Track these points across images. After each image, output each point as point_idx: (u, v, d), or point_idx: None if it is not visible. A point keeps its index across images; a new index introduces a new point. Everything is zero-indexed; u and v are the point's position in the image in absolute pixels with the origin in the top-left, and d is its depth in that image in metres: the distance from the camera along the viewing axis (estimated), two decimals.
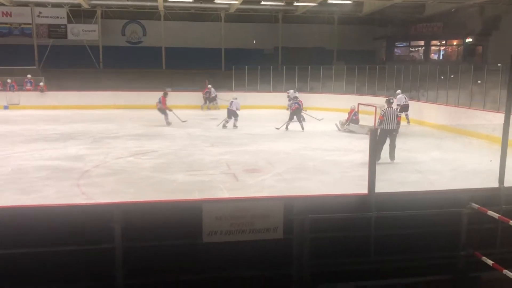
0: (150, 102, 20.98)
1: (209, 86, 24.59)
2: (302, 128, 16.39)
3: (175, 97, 24.02)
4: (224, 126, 17.11)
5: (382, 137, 10.88)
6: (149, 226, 4.58)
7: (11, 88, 24.02)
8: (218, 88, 25.59)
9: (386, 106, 11.68)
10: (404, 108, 17.97)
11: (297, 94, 21.32)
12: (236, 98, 17.78)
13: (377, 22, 34.19)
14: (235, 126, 17.19)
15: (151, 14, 32.00)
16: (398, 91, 18.95)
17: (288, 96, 22.61)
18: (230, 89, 26.05)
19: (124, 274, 4.53)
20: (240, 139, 14.55)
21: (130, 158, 11.53)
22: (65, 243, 4.39)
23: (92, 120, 18.77)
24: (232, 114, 17.27)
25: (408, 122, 18.31)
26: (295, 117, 16.66)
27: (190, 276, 4.68)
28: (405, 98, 18.42)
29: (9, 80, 24.23)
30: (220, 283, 4.73)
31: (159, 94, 18.30)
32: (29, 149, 12.53)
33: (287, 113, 18.53)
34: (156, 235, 4.58)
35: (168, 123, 17.68)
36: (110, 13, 31.71)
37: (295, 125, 16.49)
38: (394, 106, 15.34)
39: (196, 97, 24.70)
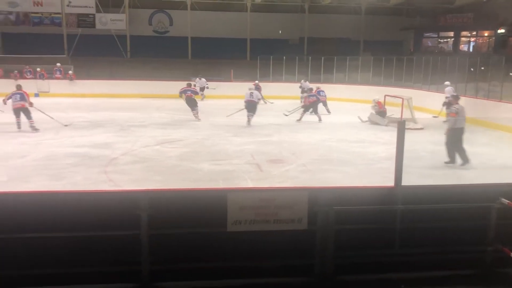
0: (176, 92, 21.21)
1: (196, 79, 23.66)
2: (320, 119, 16.19)
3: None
4: (248, 124, 15.34)
5: (455, 136, 9.92)
6: (175, 214, 4.64)
7: (41, 77, 24.56)
8: (242, 77, 25.61)
9: (454, 103, 10.41)
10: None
11: (311, 85, 20.74)
12: (256, 86, 16.48)
13: (405, 12, 33.54)
14: (248, 124, 15.36)
15: (178, 3, 32.16)
16: (447, 83, 17.67)
17: (301, 87, 21.94)
18: (255, 78, 26.06)
19: (149, 261, 4.61)
20: (264, 130, 14.55)
21: (156, 146, 11.68)
22: (92, 229, 4.48)
23: (119, 109, 19.06)
24: (251, 107, 15.49)
25: None
26: (311, 109, 16.35)
27: (214, 264, 4.73)
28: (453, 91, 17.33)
29: (38, 69, 24.77)
30: (243, 271, 4.77)
31: (186, 83, 18.26)
32: (59, 136, 12.83)
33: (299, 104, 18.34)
34: (181, 223, 4.64)
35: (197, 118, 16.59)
36: (137, 3, 32.01)
37: (311, 117, 16.35)
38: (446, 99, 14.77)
39: (220, 86, 24.73)
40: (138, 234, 4.56)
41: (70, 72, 25.28)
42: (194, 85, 21.78)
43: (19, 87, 14.03)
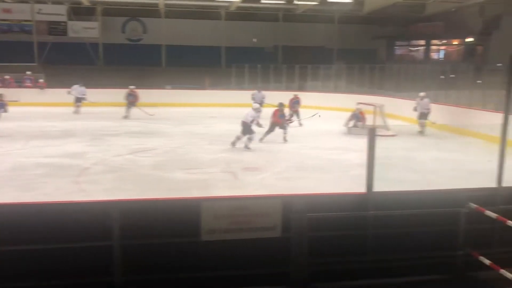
0: (150, 100, 21.03)
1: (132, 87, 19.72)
2: (286, 139, 13.93)
3: (174, 95, 24.22)
4: (233, 145, 12.84)
5: None
6: (148, 224, 4.60)
7: (9, 85, 23.98)
8: (217, 85, 25.59)
9: None
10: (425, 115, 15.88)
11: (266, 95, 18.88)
12: (258, 109, 13.21)
13: (378, 21, 34.13)
14: (247, 147, 12.65)
15: (152, 11, 31.95)
16: (422, 94, 16.39)
17: (253, 98, 18.78)
18: (230, 86, 26.10)
19: (122, 271, 4.54)
20: None
21: (129, 155, 11.54)
22: (63, 240, 4.40)
23: (92, 118, 18.77)
24: (244, 129, 12.76)
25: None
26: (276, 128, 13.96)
27: (188, 274, 4.69)
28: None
29: (7, 77, 24.21)
30: (218, 281, 4.74)
31: (160, 91, 18.29)
32: (28, 146, 12.54)
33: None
34: (154, 233, 4.60)
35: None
36: (110, 10, 31.66)
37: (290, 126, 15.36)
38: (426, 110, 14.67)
39: (194, 94, 24.65)
40: (110, 245, 4.50)
41: (41, 80, 24.77)
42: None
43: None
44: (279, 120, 14.02)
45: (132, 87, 19.29)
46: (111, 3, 30.55)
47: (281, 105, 14.49)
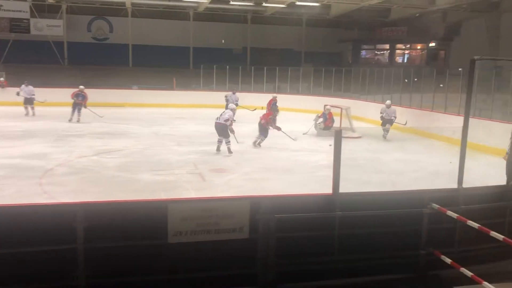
0: (117, 100, 20.69)
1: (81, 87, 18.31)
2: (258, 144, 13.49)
3: (140, 95, 23.89)
4: (218, 150, 12.19)
5: None
6: (113, 227, 4.51)
7: None
8: (185, 86, 25.42)
9: None
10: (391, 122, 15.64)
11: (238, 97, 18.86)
12: (233, 109, 12.98)
13: (344, 25, 34.76)
14: (230, 151, 12.02)
15: (118, 10, 31.47)
16: (388, 102, 16.05)
17: (227, 99, 18.63)
18: (198, 87, 25.98)
19: (86, 275, 4.44)
20: (207, 139, 14.46)
21: (94, 157, 11.31)
22: (26, 243, 4.27)
23: (56, 118, 18.28)
24: (219, 131, 12.16)
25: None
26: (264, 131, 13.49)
27: (155, 277, 4.64)
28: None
29: None
30: (184, 283, 4.71)
31: (126, 91, 17.95)
32: None
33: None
34: (120, 236, 4.52)
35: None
36: (75, 8, 31.01)
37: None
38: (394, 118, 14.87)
39: (161, 95, 24.39)
40: (74, 248, 4.40)
41: (2, 79, 23.94)
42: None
43: None
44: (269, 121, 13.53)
45: (81, 87, 18.31)
46: (76, 1, 29.93)
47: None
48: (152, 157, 11.55)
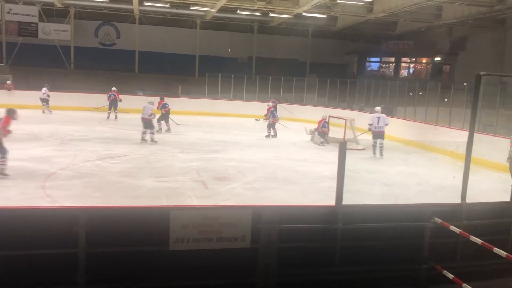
0: (121, 106, 20.75)
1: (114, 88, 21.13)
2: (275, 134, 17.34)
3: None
4: (143, 140, 14.44)
5: None
6: (115, 232, 4.52)
7: None
8: (190, 93, 25.52)
9: None
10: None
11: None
12: (152, 103, 15.23)
13: (350, 37, 34.85)
14: (153, 140, 14.42)
15: (126, 17, 31.67)
16: (378, 108, 15.36)
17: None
18: (203, 95, 26.10)
19: (86, 280, 4.44)
20: (211, 146, 14.51)
21: (98, 161, 11.33)
22: (27, 246, 4.28)
23: (61, 121, 18.38)
24: (147, 125, 14.56)
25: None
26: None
27: (155, 283, 4.63)
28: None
29: None
30: None
31: (132, 97, 17.98)
32: None
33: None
34: (121, 241, 4.52)
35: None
36: (83, 14, 31.22)
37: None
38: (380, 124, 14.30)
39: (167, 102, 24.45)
40: (75, 253, 4.40)
41: (9, 82, 24.11)
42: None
43: None
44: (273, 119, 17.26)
45: (114, 88, 20.32)
46: (84, 6, 30.13)
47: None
48: (155, 163, 11.56)
